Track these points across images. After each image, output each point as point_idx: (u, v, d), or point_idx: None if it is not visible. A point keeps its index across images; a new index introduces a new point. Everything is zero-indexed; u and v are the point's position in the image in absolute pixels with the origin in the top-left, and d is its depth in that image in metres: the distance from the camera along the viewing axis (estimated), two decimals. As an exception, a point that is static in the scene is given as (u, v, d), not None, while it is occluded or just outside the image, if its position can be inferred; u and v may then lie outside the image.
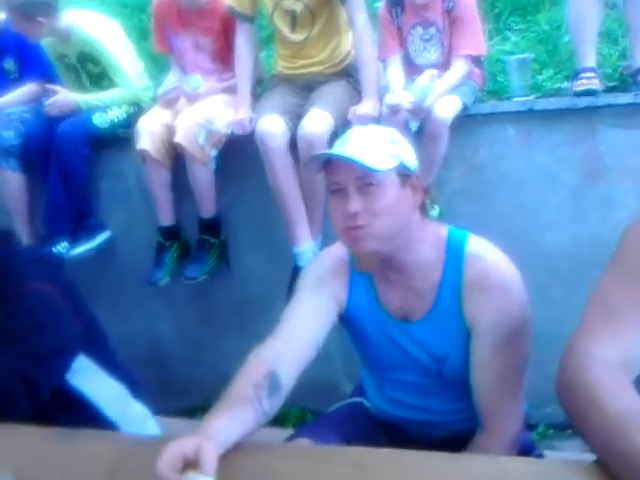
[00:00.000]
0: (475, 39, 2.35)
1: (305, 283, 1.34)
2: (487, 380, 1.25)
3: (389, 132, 1.28)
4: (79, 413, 1.55)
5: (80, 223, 2.72)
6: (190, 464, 0.95)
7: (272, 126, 2.25)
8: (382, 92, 2.34)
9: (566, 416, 0.96)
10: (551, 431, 2.37)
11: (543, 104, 2.28)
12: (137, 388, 1.76)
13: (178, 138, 2.38)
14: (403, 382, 1.37)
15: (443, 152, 2.23)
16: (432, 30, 2.37)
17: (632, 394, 0.88)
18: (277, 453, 1.12)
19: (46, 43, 2.77)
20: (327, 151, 1.26)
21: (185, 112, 2.47)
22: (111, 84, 2.74)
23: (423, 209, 1.28)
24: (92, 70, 2.75)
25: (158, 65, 2.98)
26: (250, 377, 1.15)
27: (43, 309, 1.50)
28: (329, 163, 1.22)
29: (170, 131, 2.44)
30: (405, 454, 1.05)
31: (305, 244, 2.35)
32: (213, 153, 2.44)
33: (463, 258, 1.26)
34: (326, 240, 2.29)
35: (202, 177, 2.45)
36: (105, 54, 2.68)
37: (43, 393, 1.44)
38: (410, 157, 1.25)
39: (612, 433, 0.83)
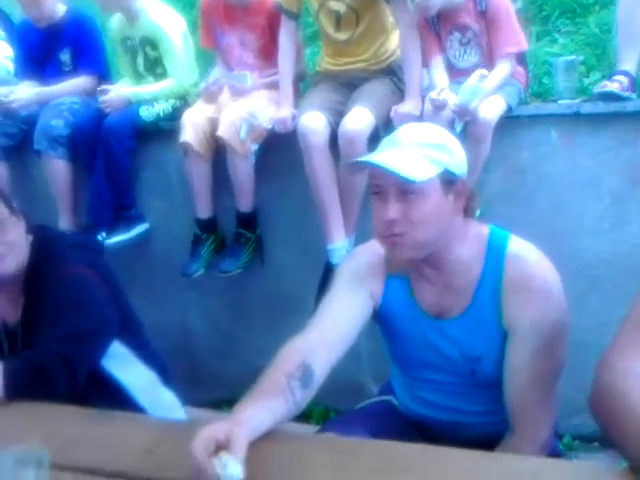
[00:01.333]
0: (514, 36, 2.30)
1: (341, 278, 1.35)
2: (521, 383, 1.24)
3: (437, 134, 1.24)
4: (111, 397, 1.59)
5: (120, 214, 2.76)
6: (222, 447, 0.97)
7: (313, 122, 2.26)
8: (425, 92, 2.32)
9: (597, 427, 0.95)
10: (577, 442, 2.31)
11: (590, 108, 2.22)
12: (168, 377, 1.80)
13: (220, 131, 2.41)
14: (434, 382, 1.37)
15: (486, 154, 2.20)
16: (469, 34, 2.34)
17: None
18: (307, 444, 1.13)
19: (113, 24, 2.85)
20: (367, 158, 1.23)
21: (229, 107, 2.50)
22: (164, 72, 2.79)
23: (467, 211, 1.26)
24: (149, 54, 2.80)
25: (203, 60, 3.01)
26: (283, 367, 1.16)
27: (82, 292, 1.55)
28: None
29: (213, 125, 2.47)
30: (436, 450, 1.05)
31: (339, 241, 2.35)
32: (254, 147, 2.46)
33: (504, 258, 1.24)
34: (360, 238, 2.29)
35: (242, 171, 2.47)
36: (165, 42, 2.74)
37: (81, 373, 1.48)
38: (457, 162, 1.21)
39: None
